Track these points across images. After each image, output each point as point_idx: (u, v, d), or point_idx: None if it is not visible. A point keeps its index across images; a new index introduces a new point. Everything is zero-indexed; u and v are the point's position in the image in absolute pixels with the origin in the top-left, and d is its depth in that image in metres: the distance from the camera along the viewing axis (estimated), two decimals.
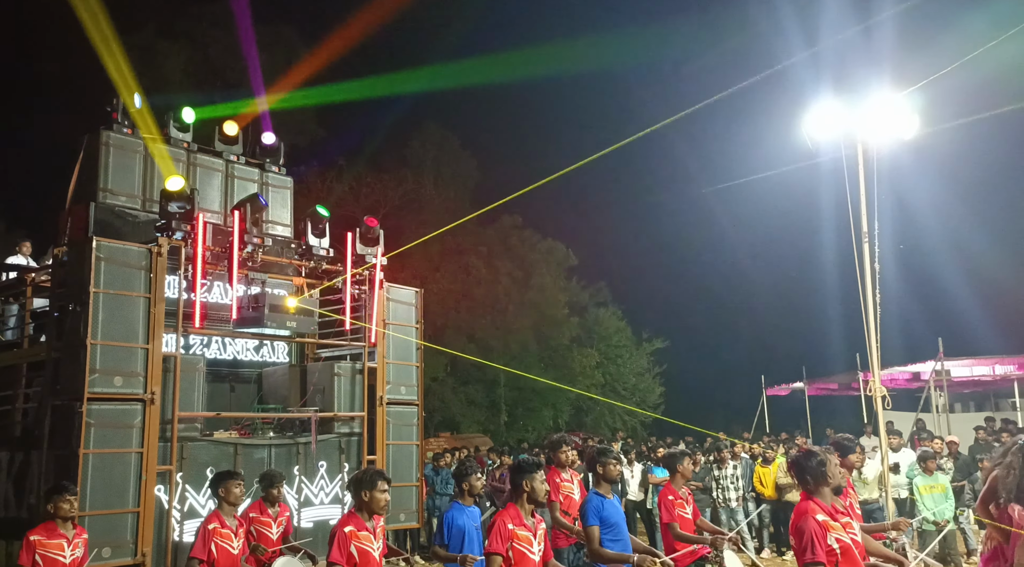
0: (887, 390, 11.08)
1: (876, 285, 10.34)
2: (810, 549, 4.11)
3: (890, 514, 10.43)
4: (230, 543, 5.82)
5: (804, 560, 4.14)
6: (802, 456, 4.52)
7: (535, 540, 4.63)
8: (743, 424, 23.78)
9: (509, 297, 29.52)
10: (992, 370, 20.62)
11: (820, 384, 24.02)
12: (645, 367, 33.66)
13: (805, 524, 4.20)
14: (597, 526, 5.50)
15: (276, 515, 6.95)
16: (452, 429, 26.99)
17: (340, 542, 4.72)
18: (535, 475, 4.69)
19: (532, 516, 4.72)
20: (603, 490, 5.74)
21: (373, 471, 5.15)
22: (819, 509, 4.29)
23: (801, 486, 4.46)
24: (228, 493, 6.05)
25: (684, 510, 6.59)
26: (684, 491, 6.77)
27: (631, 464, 13.47)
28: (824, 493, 4.38)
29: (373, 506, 4.91)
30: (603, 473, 5.77)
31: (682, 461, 6.85)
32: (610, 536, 5.52)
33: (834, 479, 4.46)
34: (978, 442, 13.88)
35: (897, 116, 9.43)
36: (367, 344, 11.10)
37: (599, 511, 5.57)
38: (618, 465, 5.89)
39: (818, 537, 4.13)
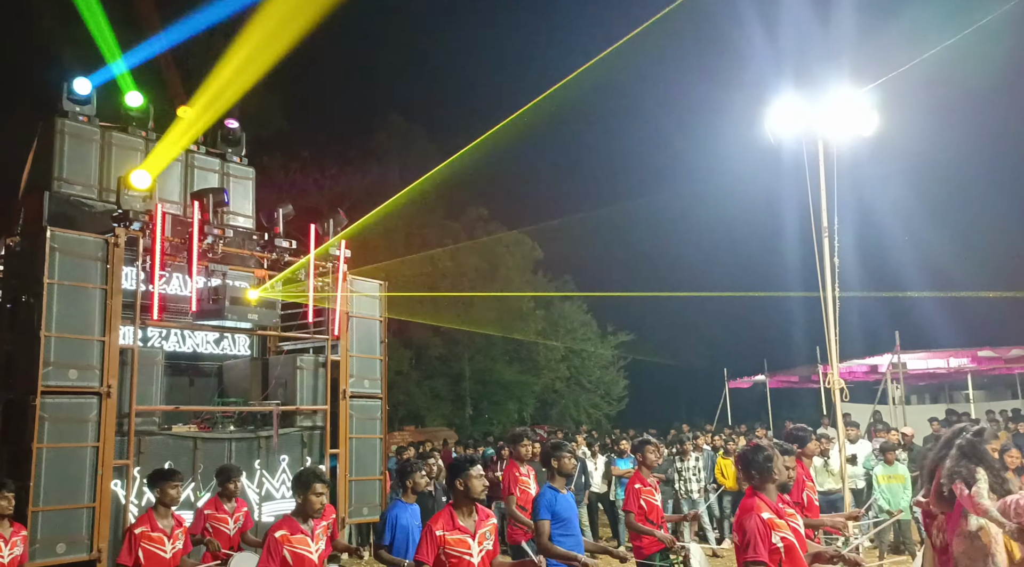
0: (846, 382, 11.30)
1: (836, 279, 10.50)
2: (752, 547, 4.03)
3: (847, 504, 10.64)
4: (161, 547, 5.59)
5: (746, 558, 4.05)
6: (749, 450, 4.45)
7: (473, 541, 4.43)
8: (706, 416, 24.07)
9: (475, 290, 29.50)
10: (947, 363, 21.08)
11: (781, 377, 24.34)
12: (610, 360, 33.87)
13: (749, 522, 4.12)
14: (548, 520, 5.43)
15: (233, 511, 6.79)
16: (417, 423, 26.93)
17: (270, 548, 4.62)
18: (470, 472, 4.50)
19: (472, 515, 4.52)
20: (557, 484, 5.67)
21: (309, 473, 5.02)
22: (764, 506, 4.19)
23: (746, 481, 4.37)
24: (163, 495, 5.81)
25: (653, 497, 6.59)
26: (652, 480, 6.76)
27: (595, 456, 13.55)
28: (770, 489, 4.30)
29: (308, 509, 4.81)
30: (558, 467, 5.71)
31: (645, 448, 6.86)
32: (561, 531, 5.46)
33: (780, 475, 4.40)
34: (933, 434, 14.18)
35: (857, 113, 9.58)
36: (330, 337, 11.01)
37: (551, 505, 5.50)
38: (572, 459, 5.82)
39: (762, 536, 4.05)
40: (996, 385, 24.76)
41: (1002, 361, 20.33)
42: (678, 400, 36.18)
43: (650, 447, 6.84)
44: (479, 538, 4.46)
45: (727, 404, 23.43)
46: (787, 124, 10.46)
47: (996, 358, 19.97)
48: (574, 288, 33.77)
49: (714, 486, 12.62)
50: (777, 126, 10.59)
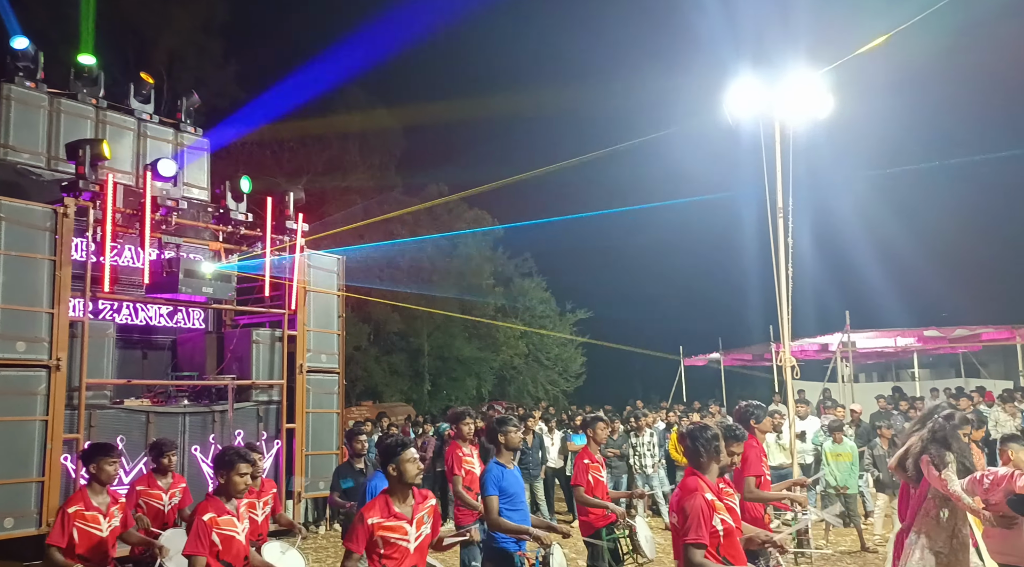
0: (797, 361, 11.57)
1: (789, 259, 10.67)
2: (694, 529, 3.92)
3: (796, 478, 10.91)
4: (96, 526, 5.36)
5: (687, 540, 3.93)
6: (697, 429, 4.30)
7: (411, 527, 4.25)
8: (661, 393, 24.44)
9: (434, 266, 29.43)
10: (894, 342, 21.63)
11: (735, 355, 24.75)
12: (568, 337, 34.10)
13: (692, 503, 3.99)
14: (496, 496, 5.40)
15: (168, 487, 6.52)
16: (374, 398, 26.88)
17: (199, 532, 4.50)
18: (402, 456, 4.26)
19: (408, 500, 4.33)
20: (504, 460, 5.63)
21: (232, 453, 4.80)
22: (707, 487, 4.09)
23: (690, 460, 4.24)
24: (100, 471, 5.51)
25: (599, 473, 6.66)
26: (600, 456, 6.83)
27: (551, 432, 13.69)
28: (713, 470, 4.20)
29: (231, 489, 4.69)
30: (504, 442, 5.65)
31: (595, 425, 6.95)
32: (509, 506, 5.45)
33: (725, 457, 4.36)
34: (880, 411, 14.60)
35: (813, 95, 9.71)
36: (287, 311, 10.92)
37: (499, 481, 5.46)
38: (518, 433, 5.78)
39: (704, 518, 3.95)
40: (941, 364, 25.54)
41: (946, 340, 20.95)
42: (634, 377, 36.61)
43: (601, 424, 6.94)
44: (416, 523, 4.31)
45: (682, 381, 23.81)
46: (745, 106, 10.55)
47: (941, 338, 20.57)
48: (534, 266, 33.90)
49: (663, 462, 12.85)
50: (735, 108, 10.68)
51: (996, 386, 18.27)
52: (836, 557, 9.28)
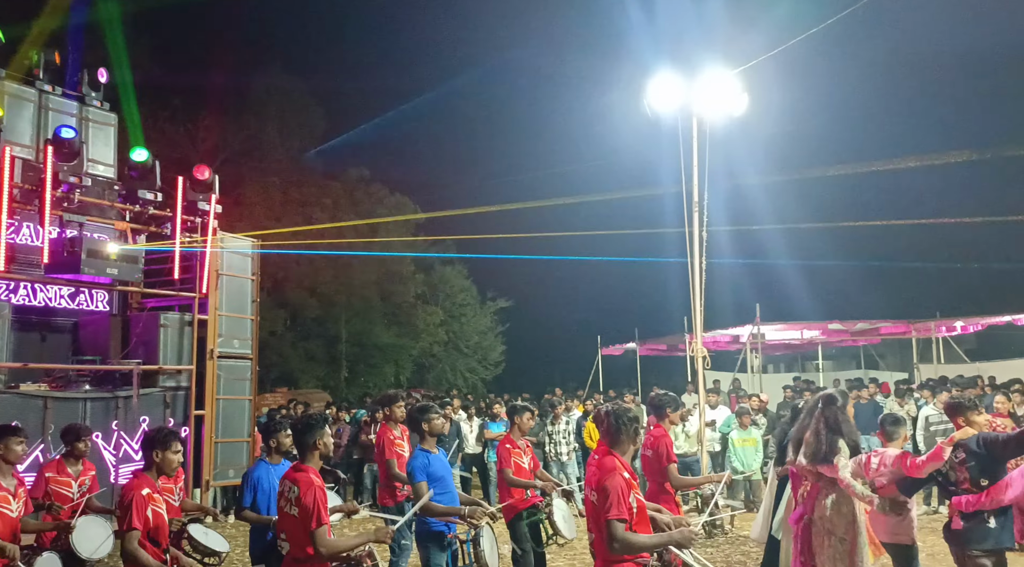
0: (710, 351, 11.96)
1: (703, 252, 10.95)
2: (616, 505, 4.02)
3: (704, 466, 11.27)
4: (7, 507, 5.19)
5: (611, 516, 4.02)
6: (621, 409, 4.43)
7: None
8: (579, 382, 24.76)
9: (354, 251, 29.01)
10: (801, 334, 22.47)
11: (651, 345, 25.25)
12: (488, 326, 34.21)
13: (613, 481, 4.08)
14: (425, 482, 5.54)
15: (78, 474, 6.33)
16: (290, 384, 26.38)
17: (138, 506, 4.46)
18: (323, 431, 4.42)
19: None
20: (428, 445, 5.77)
21: (167, 431, 4.91)
22: (623, 466, 4.21)
23: (609, 439, 4.34)
24: (8, 451, 5.33)
25: (521, 459, 6.79)
26: (523, 442, 6.97)
27: (470, 419, 13.73)
28: (628, 451, 4.34)
29: (164, 467, 4.73)
30: (428, 429, 5.80)
31: (522, 414, 7.08)
32: (438, 489, 5.59)
33: (639, 437, 4.48)
34: (785, 400, 15.14)
35: (728, 93, 9.98)
36: (198, 294, 10.61)
37: (426, 467, 5.61)
38: (441, 419, 5.92)
39: (624, 496, 4.05)
40: (843, 356, 26.70)
41: (848, 334, 21.90)
42: (553, 366, 36.97)
43: (528, 414, 7.10)
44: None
45: (599, 370, 24.17)
46: (665, 100, 10.76)
47: (843, 331, 21.48)
48: (455, 252, 33.81)
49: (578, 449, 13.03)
50: (655, 101, 10.88)
51: (892, 378, 19.23)
52: (740, 540, 9.61)
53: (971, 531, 4.99)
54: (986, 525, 4.95)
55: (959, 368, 18.82)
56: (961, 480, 5.09)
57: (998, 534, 4.97)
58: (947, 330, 20.78)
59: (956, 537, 5.11)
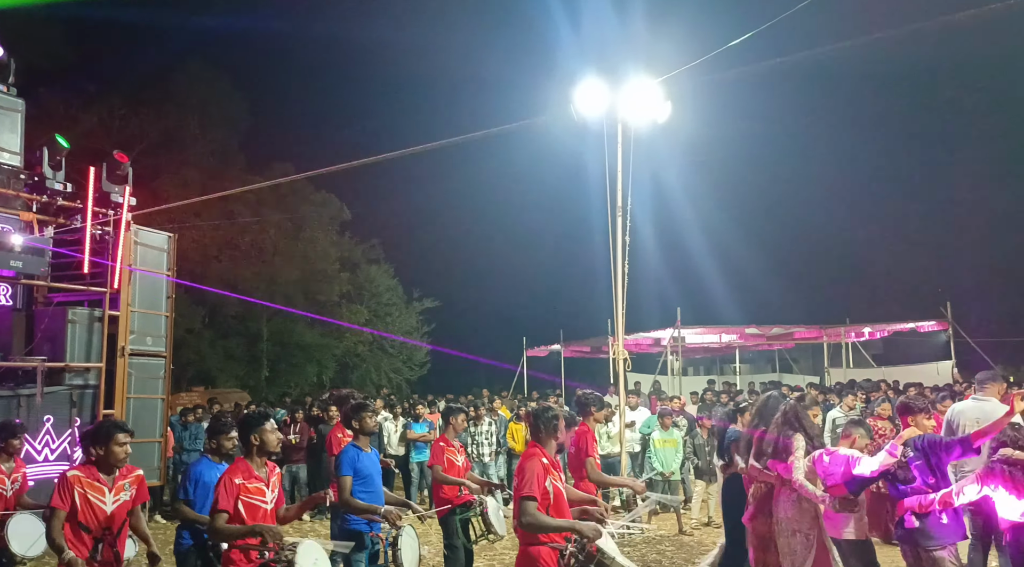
0: (632, 354, 12.17)
1: (626, 256, 11.13)
2: (528, 485, 4.42)
3: (624, 466, 11.46)
4: None
5: (522, 494, 4.42)
6: (540, 409, 4.90)
7: (268, 489, 4.64)
8: (504, 383, 24.82)
9: (277, 248, 28.41)
10: (719, 338, 23.09)
11: (575, 347, 25.53)
12: (414, 326, 33.98)
13: (530, 464, 4.53)
14: (350, 476, 5.62)
15: (11, 471, 6.26)
16: (207, 383, 25.66)
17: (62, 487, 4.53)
18: (264, 426, 4.67)
19: (264, 467, 4.71)
20: (361, 443, 5.88)
21: (110, 423, 4.91)
22: (542, 455, 4.65)
23: (533, 435, 4.83)
24: None
25: (455, 457, 6.95)
26: (458, 443, 7.17)
27: (395, 419, 13.63)
28: (551, 445, 4.77)
29: (112, 460, 4.68)
30: (359, 427, 5.92)
31: (456, 415, 7.32)
32: (362, 487, 5.66)
33: (561, 435, 4.89)
34: (704, 402, 15.51)
35: (652, 100, 10.17)
36: (109, 289, 10.22)
37: (354, 462, 5.69)
38: (374, 418, 6.06)
39: (539, 478, 4.47)
40: (759, 359, 27.52)
41: (764, 338, 22.60)
42: (479, 367, 36.98)
43: (462, 415, 7.39)
44: (272, 486, 4.68)
45: (524, 372, 24.29)
46: (591, 106, 10.89)
47: (760, 335, 22.16)
48: (382, 252, 33.49)
49: (503, 449, 13.06)
50: (582, 106, 11.00)
51: (804, 381, 19.92)
52: (656, 539, 9.80)
53: (926, 529, 5.10)
54: (940, 522, 5.09)
55: (866, 372, 19.62)
56: (910, 478, 5.22)
57: (953, 528, 5.14)
58: (856, 336, 21.68)
59: (910, 535, 5.20)
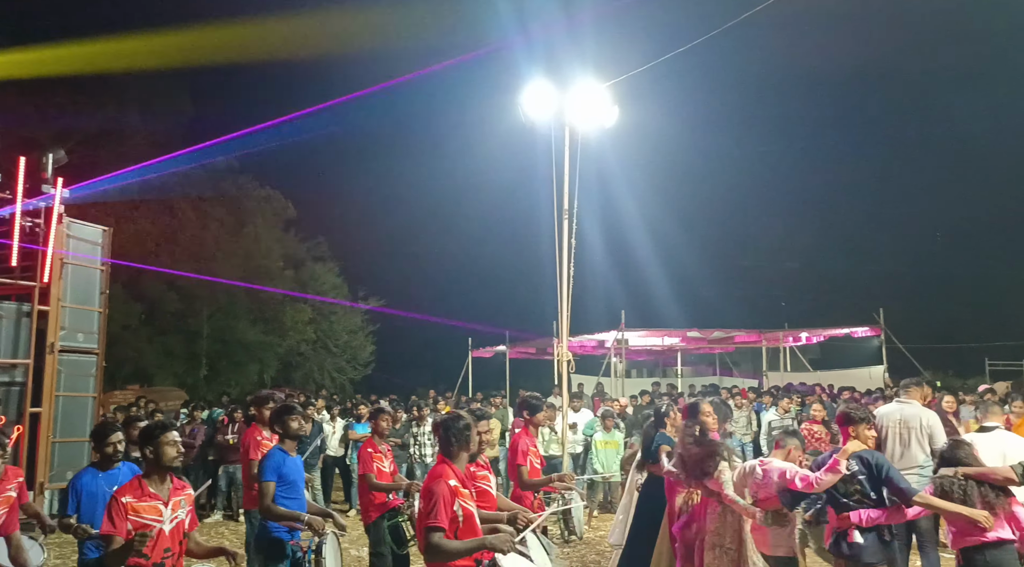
0: (576, 356, 12.24)
1: (571, 259, 11.21)
2: (434, 513, 4.11)
3: (565, 468, 11.51)
4: None
5: (428, 523, 4.12)
6: (449, 418, 4.53)
7: (166, 508, 4.22)
8: (449, 383, 24.75)
9: (219, 244, 27.83)
10: (662, 341, 23.41)
11: (521, 348, 25.62)
12: (359, 325, 33.66)
13: (437, 488, 4.18)
14: (274, 482, 5.37)
15: None
16: (144, 381, 24.98)
17: None
18: (161, 438, 4.25)
19: (165, 483, 4.29)
20: (287, 447, 5.62)
21: None
22: (453, 474, 4.32)
23: (442, 448, 4.47)
24: None
25: (383, 463, 6.74)
26: (384, 446, 6.94)
27: (333, 420, 13.46)
28: (462, 458, 4.46)
29: None
30: (284, 431, 5.62)
31: (378, 417, 7.06)
32: (286, 493, 5.41)
33: (474, 445, 4.62)
34: (643, 404, 15.68)
35: (599, 105, 10.26)
36: (38, 284, 9.88)
37: (279, 467, 5.43)
38: (301, 421, 5.71)
39: (446, 503, 4.14)
40: (701, 362, 27.98)
41: (706, 341, 23.00)
42: (423, 367, 36.81)
43: (384, 416, 7.10)
44: (173, 505, 4.27)
45: (469, 372, 24.26)
46: (539, 109, 10.94)
47: (701, 339, 22.55)
48: (327, 250, 33.08)
49: None
50: (530, 109, 11.04)
51: (744, 384, 20.32)
52: (596, 540, 9.87)
53: (869, 546, 5.01)
54: (883, 539, 5.04)
55: (803, 376, 20.14)
56: (852, 492, 5.10)
57: (893, 547, 5.11)
58: (794, 340, 22.22)
59: (852, 552, 5.06)
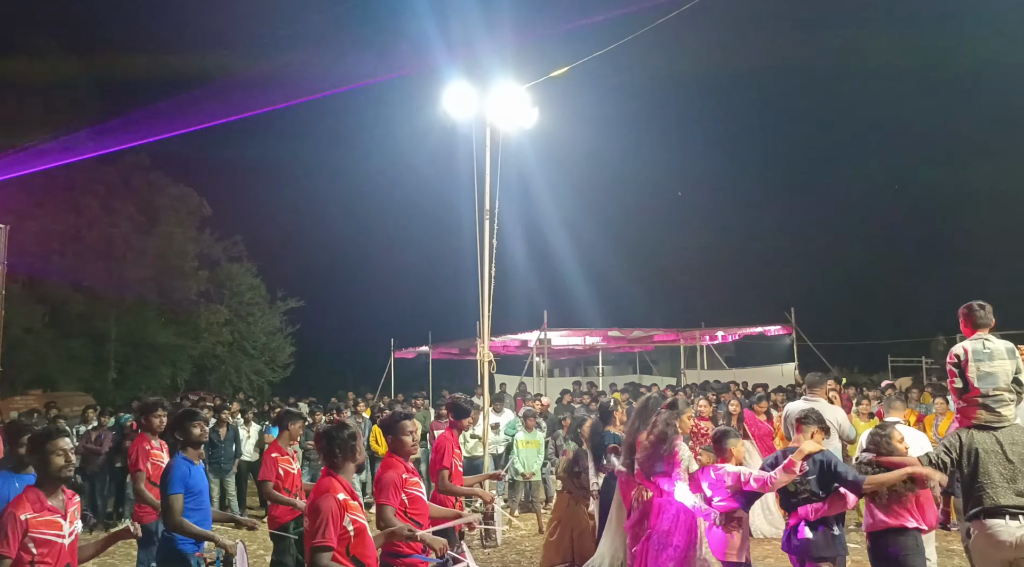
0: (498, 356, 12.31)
1: (492, 259, 11.24)
2: (322, 532, 3.87)
3: (486, 468, 11.53)
4: None
5: (315, 543, 3.88)
6: (333, 428, 4.26)
7: (65, 521, 4.00)
8: (371, 385, 24.47)
9: (128, 243, 26.79)
10: (584, 341, 23.67)
11: (443, 349, 25.51)
12: (277, 326, 32.98)
13: (324, 504, 3.94)
14: (181, 495, 5.10)
15: None
16: (46, 386, 23.84)
17: None
18: (49, 446, 3.99)
19: (59, 494, 4.06)
20: (191, 455, 5.35)
21: None
22: (341, 488, 4.05)
23: (326, 460, 4.19)
24: None
25: (290, 466, 6.59)
26: (291, 449, 6.78)
27: (248, 424, 13.14)
28: (349, 469, 4.20)
29: None
30: (185, 438, 5.36)
31: (295, 421, 6.90)
32: (192, 505, 5.18)
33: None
34: (565, 404, 15.83)
35: (519, 106, 10.32)
36: None
37: (185, 478, 5.16)
38: (200, 427, 5.46)
39: (335, 519, 3.91)
40: (621, 361, 28.45)
41: (626, 341, 23.36)
42: (345, 368, 36.32)
43: (300, 421, 6.94)
44: (70, 517, 4.07)
45: (391, 373, 24.04)
46: (460, 109, 10.93)
47: (621, 338, 22.88)
48: (244, 250, 32.28)
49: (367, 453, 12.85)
50: (452, 110, 11.03)
51: (663, 382, 20.76)
52: (517, 540, 9.91)
53: (818, 540, 5.16)
54: (831, 533, 5.19)
55: (719, 374, 20.67)
56: (802, 491, 5.25)
57: (842, 541, 5.26)
58: (710, 339, 22.79)
59: (802, 546, 5.22)
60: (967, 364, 4.98)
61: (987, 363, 4.96)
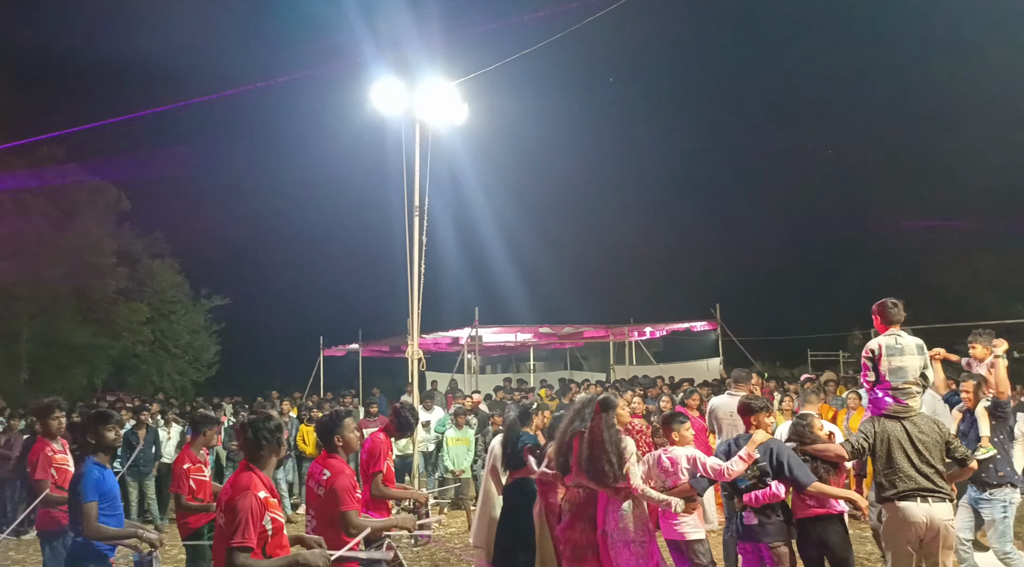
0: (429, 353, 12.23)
1: (422, 256, 11.17)
2: (241, 531, 3.72)
3: (416, 466, 11.48)
4: None
5: (233, 543, 3.72)
6: (258, 418, 4.11)
7: None
8: (299, 383, 24.04)
9: (41, 239, 25.69)
10: (515, 337, 23.74)
11: (374, 346, 25.24)
12: (202, 324, 32.14)
13: (243, 502, 3.77)
14: (96, 502, 4.93)
15: None
16: None
17: None
18: None
19: None
20: (102, 460, 5.16)
21: None
22: (262, 484, 3.91)
23: (249, 453, 4.02)
24: None
25: (201, 473, 6.41)
26: (203, 454, 6.62)
27: (168, 425, 12.76)
28: (271, 463, 4.07)
29: None
30: (97, 441, 5.16)
31: (210, 426, 6.73)
32: (108, 510, 5.02)
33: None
34: (496, 400, 15.85)
35: (449, 103, 10.27)
36: None
37: (99, 485, 4.99)
38: (117, 429, 5.28)
39: (255, 518, 3.76)
40: (552, 358, 28.63)
41: (556, 337, 23.53)
42: (273, 367, 35.65)
43: (216, 426, 6.70)
44: None
45: (320, 372, 23.68)
46: (389, 105, 10.82)
47: (552, 334, 23.04)
48: (166, 246, 31.36)
49: (293, 453, 12.63)
50: (380, 105, 10.91)
51: (594, 378, 20.97)
52: (446, 538, 9.90)
53: (765, 526, 5.32)
54: (778, 519, 5.34)
55: (647, 369, 21.00)
56: (750, 477, 5.38)
57: (788, 527, 5.40)
58: (639, 335, 23.15)
59: (749, 532, 5.38)
60: (880, 358, 5.34)
61: (898, 358, 5.32)
